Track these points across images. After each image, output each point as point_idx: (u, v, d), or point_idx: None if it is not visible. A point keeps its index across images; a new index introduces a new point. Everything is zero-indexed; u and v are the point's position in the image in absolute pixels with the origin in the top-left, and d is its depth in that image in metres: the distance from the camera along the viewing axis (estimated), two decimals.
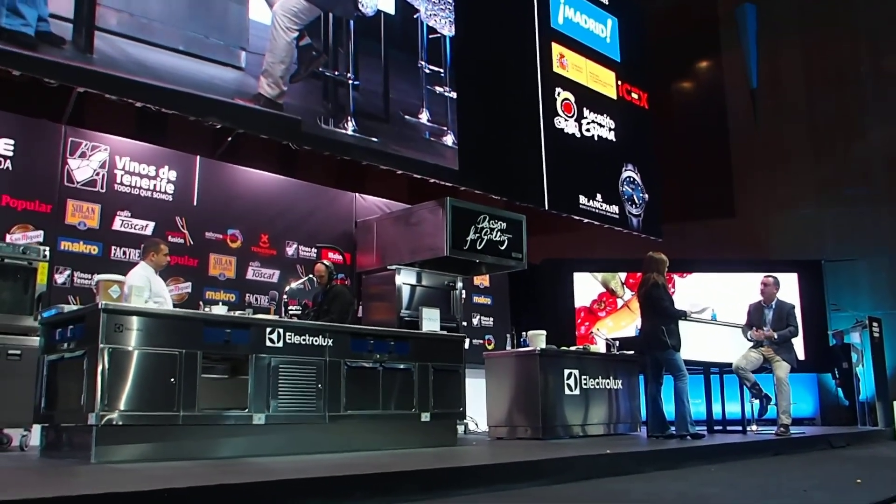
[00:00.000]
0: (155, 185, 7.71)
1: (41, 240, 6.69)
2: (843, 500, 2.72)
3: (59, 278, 6.91)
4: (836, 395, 12.10)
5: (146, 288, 5.52)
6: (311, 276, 7.97)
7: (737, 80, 14.73)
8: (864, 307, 12.58)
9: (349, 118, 8.61)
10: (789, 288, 11.70)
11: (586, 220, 11.36)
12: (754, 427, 8.72)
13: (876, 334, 10.91)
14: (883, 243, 13.16)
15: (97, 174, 7.32)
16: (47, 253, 6.23)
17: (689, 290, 11.75)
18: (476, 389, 7.90)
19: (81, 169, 7.23)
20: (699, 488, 4.54)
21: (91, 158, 7.29)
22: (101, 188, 7.33)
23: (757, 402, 8.37)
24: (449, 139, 9.60)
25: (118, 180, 7.46)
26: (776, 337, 8.06)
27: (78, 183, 7.19)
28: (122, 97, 6.87)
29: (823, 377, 12.37)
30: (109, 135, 7.53)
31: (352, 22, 8.81)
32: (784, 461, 6.55)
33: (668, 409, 7.63)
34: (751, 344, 8.30)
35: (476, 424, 8.86)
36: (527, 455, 5.31)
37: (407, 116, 9.24)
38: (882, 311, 12.29)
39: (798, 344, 9.11)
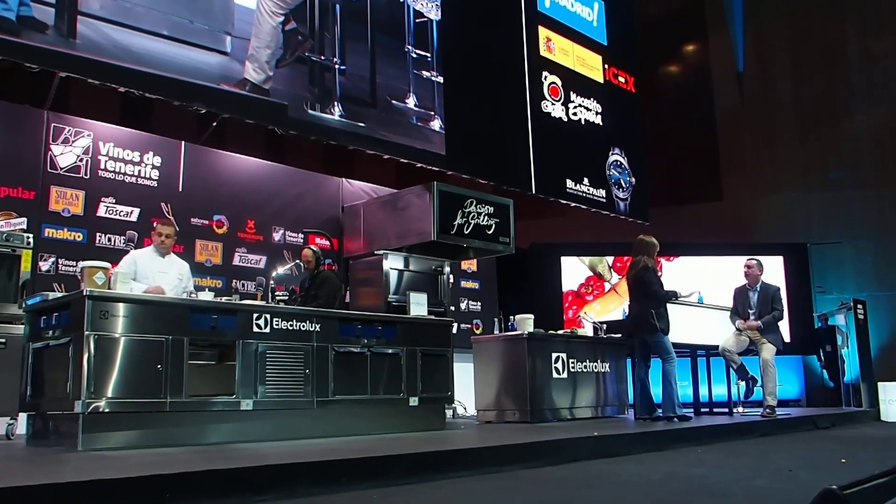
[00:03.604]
0: (140, 171, 7.65)
1: (25, 227, 6.60)
2: (828, 478, 2.73)
3: (44, 265, 6.86)
4: (821, 376, 12.20)
5: (129, 273, 5.51)
6: (298, 261, 7.95)
7: (723, 63, 14.75)
8: (849, 290, 12.68)
9: (336, 103, 8.56)
10: (775, 271, 11.77)
11: (573, 204, 11.37)
12: (741, 409, 8.78)
13: (861, 316, 10.99)
14: (868, 226, 13.25)
15: (81, 160, 7.25)
16: (31, 240, 6.19)
17: (676, 273, 11.79)
18: (464, 374, 7.92)
19: (65, 155, 7.16)
20: (686, 469, 4.57)
21: (74, 144, 7.23)
22: (85, 174, 7.27)
23: (743, 384, 8.43)
24: (436, 124, 9.57)
25: (102, 166, 7.40)
26: (762, 326, 8.12)
27: (61, 169, 7.13)
28: (106, 82, 6.79)
29: (809, 359, 12.48)
30: (93, 120, 7.46)
31: (338, 6, 8.74)
32: (770, 442, 6.60)
33: (656, 391, 7.67)
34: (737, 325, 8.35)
35: (464, 408, 8.89)
36: (515, 438, 5.32)
37: (394, 101, 9.20)
38: (867, 293, 12.39)
39: (784, 326, 9.17)
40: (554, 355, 7.86)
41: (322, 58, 8.55)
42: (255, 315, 5.49)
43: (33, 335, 5.30)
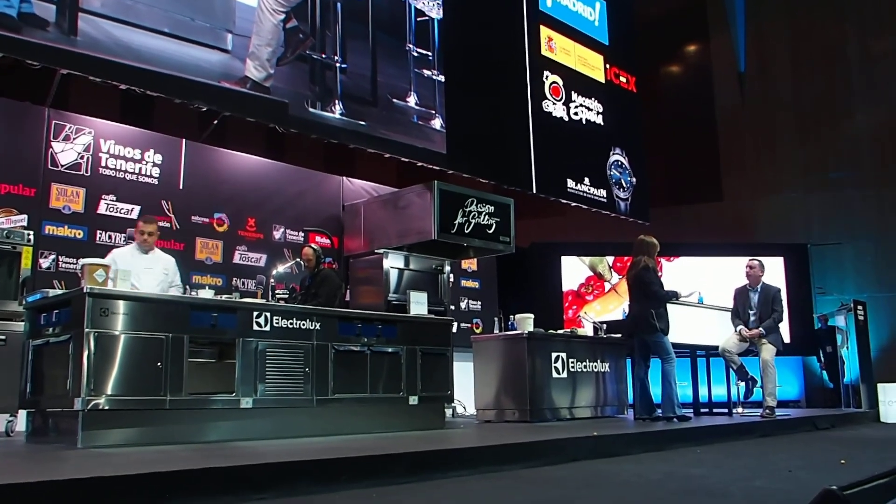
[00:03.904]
0: (140, 169, 7.66)
1: (25, 224, 6.60)
2: (827, 479, 2.74)
3: (44, 262, 6.86)
4: (820, 377, 12.21)
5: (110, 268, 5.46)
6: (298, 259, 7.95)
7: (724, 63, 14.74)
8: (850, 290, 12.68)
9: (336, 101, 8.56)
10: (775, 271, 11.77)
11: (574, 204, 11.37)
12: (740, 409, 8.78)
13: (860, 317, 10.98)
14: (868, 227, 13.25)
15: (82, 157, 7.26)
16: (31, 237, 6.18)
17: (676, 273, 11.79)
18: (464, 373, 7.92)
19: (66, 152, 7.16)
20: (685, 469, 4.57)
21: (75, 142, 7.23)
22: (86, 172, 7.27)
23: (743, 384, 8.43)
24: (437, 123, 9.57)
25: (103, 164, 7.40)
26: (764, 332, 8.11)
27: (62, 166, 7.13)
28: (107, 80, 6.79)
29: (809, 360, 12.49)
30: (94, 118, 7.46)
31: (339, 4, 8.74)
32: (769, 443, 6.60)
33: (656, 391, 7.67)
34: (737, 326, 8.34)
35: (464, 408, 8.89)
36: (514, 437, 5.32)
37: (395, 100, 9.20)
38: (867, 294, 12.39)
39: (784, 327, 9.17)
40: (554, 355, 7.86)
41: (323, 56, 8.54)
42: (255, 313, 5.49)
43: (33, 332, 5.30)
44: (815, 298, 12.85)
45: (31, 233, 6.23)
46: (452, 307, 9.27)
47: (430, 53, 9.68)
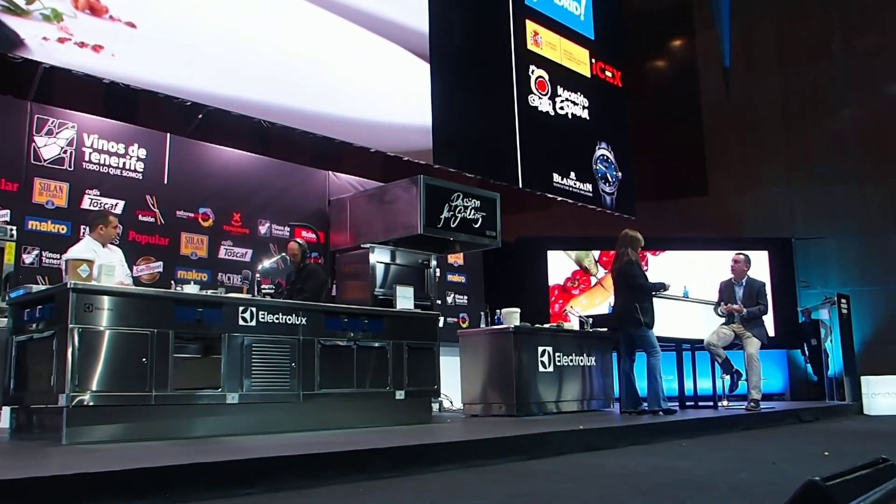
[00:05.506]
0: (124, 164, 7.60)
1: (8, 219, 6.56)
2: (811, 471, 2.77)
3: (27, 258, 6.80)
4: (805, 370, 12.32)
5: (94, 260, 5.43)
6: (284, 254, 7.91)
7: (710, 58, 14.81)
8: (833, 284, 12.78)
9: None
10: (760, 265, 11.84)
11: (560, 199, 11.38)
12: (725, 402, 8.84)
13: (844, 311, 11.07)
14: (852, 221, 13.36)
15: (65, 152, 7.19)
16: (14, 232, 6.12)
17: (662, 267, 11.84)
18: (450, 367, 7.91)
19: (48, 147, 7.10)
20: (671, 462, 4.60)
21: (58, 136, 7.16)
22: (69, 166, 7.20)
23: (728, 377, 8.47)
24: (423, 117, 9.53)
25: (86, 158, 7.33)
26: (745, 312, 8.16)
27: (45, 161, 7.06)
28: (90, 73, 6.73)
29: (793, 353, 12.59)
30: (77, 112, 7.39)
31: None
32: (754, 435, 6.65)
33: (641, 385, 7.70)
34: (722, 320, 8.39)
35: (450, 402, 8.89)
36: (501, 431, 5.33)
37: None
38: (850, 287, 12.49)
39: (768, 321, 9.22)
40: (540, 349, 7.87)
41: None
42: (240, 308, 5.46)
43: (17, 328, 5.26)
44: (800, 292, 12.95)
45: (14, 228, 6.16)
46: (439, 302, 9.26)
47: None
